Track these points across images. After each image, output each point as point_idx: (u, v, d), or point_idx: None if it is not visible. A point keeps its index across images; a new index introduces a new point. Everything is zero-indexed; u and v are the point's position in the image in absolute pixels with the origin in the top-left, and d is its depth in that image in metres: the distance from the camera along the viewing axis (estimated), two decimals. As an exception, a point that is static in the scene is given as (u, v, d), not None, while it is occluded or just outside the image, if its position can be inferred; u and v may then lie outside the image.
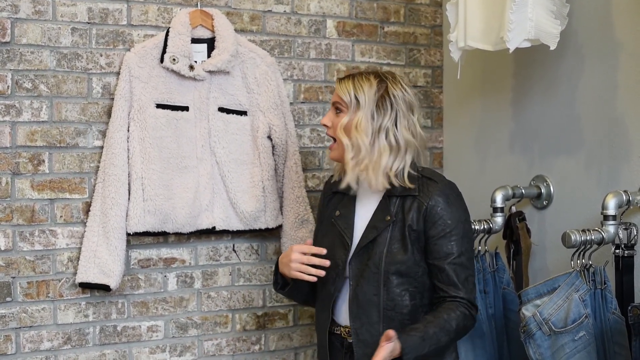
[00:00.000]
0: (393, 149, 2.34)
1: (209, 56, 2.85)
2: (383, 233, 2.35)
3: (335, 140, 2.41)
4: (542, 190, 2.84)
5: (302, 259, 2.36)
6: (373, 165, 2.34)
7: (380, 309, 2.33)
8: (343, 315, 2.41)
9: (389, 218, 2.35)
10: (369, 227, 2.38)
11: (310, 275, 2.36)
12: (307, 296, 2.55)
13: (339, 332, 2.43)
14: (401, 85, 2.38)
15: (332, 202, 2.53)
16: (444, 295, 2.31)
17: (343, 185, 2.41)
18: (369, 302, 2.34)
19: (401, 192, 2.35)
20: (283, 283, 2.48)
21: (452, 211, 2.32)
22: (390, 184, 2.34)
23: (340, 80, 2.42)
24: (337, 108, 2.41)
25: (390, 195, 2.37)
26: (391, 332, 2.18)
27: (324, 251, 2.36)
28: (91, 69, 2.75)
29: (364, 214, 2.42)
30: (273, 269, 2.53)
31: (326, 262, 2.35)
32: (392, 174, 2.34)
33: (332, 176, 2.59)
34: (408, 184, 2.34)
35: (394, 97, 2.35)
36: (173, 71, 2.78)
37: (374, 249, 2.34)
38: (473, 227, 2.77)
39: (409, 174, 2.35)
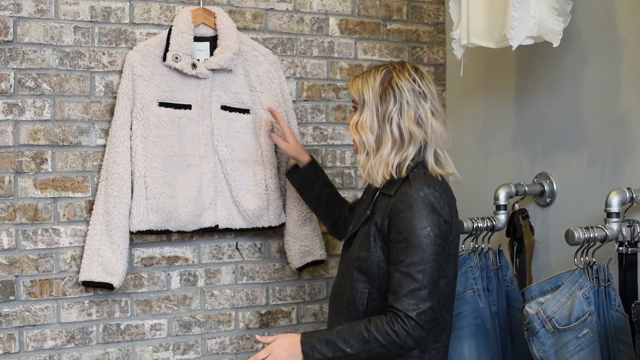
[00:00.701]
0: (396, 141, 2.29)
1: (211, 54, 2.85)
2: (362, 227, 2.36)
3: None
4: (546, 188, 2.84)
5: None
6: (376, 159, 2.31)
7: (344, 302, 2.35)
8: None
9: (367, 213, 2.35)
10: (357, 221, 2.42)
11: None
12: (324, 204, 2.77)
13: None
14: (409, 74, 2.32)
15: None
16: (388, 303, 2.21)
17: (362, 182, 2.44)
18: (340, 293, 2.38)
19: (383, 190, 2.33)
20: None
21: (412, 218, 2.19)
22: (391, 176, 2.30)
23: (353, 79, 2.42)
24: (355, 107, 2.40)
25: (381, 192, 2.36)
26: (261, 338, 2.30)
27: None
28: (94, 68, 2.75)
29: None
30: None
31: None
32: (392, 167, 2.30)
33: None
34: (403, 175, 2.29)
35: (398, 88, 2.29)
36: (176, 69, 2.78)
37: (353, 242, 2.38)
38: (476, 224, 2.76)
39: (406, 169, 2.29)
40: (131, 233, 2.75)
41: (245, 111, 2.91)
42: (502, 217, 2.81)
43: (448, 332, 2.36)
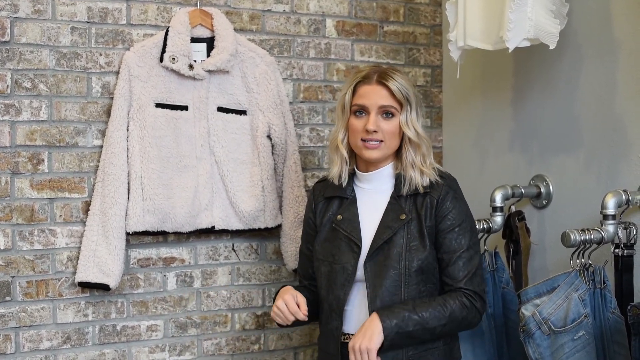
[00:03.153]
0: (430, 143, 2.44)
1: (208, 55, 2.85)
2: (399, 232, 2.33)
3: (380, 140, 2.37)
4: (542, 190, 2.84)
5: (284, 309, 2.36)
6: (426, 162, 2.40)
7: None
8: (353, 322, 2.37)
9: (404, 217, 2.34)
10: (381, 228, 2.35)
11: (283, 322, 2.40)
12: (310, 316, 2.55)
13: (347, 341, 2.35)
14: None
15: (328, 208, 2.49)
16: (449, 288, 2.33)
17: (407, 188, 2.37)
18: (390, 303, 2.31)
19: (412, 192, 2.37)
20: None
21: (459, 205, 2.37)
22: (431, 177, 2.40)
23: (382, 82, 2.35)
24: (386, 111, 2.36)
25: (398, 195, 2.37)
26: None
27: (304, 318, 2.37)
28: (90, 68, 2.74)
29: (369, 216, 2.40)
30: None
31: (303, 318, 2.37)
32: (433, 167, 2.42)
33: (319, 182, 2.57)
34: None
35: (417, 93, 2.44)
36: (172, 70, 2.78)
37: (391, 248, 2.33)
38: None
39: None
40: (127, 234, 2.75)
41: (242, 112, 2.90)
42: (499, 219, 2.82)
43: None
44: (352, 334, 2.36)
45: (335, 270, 2.39)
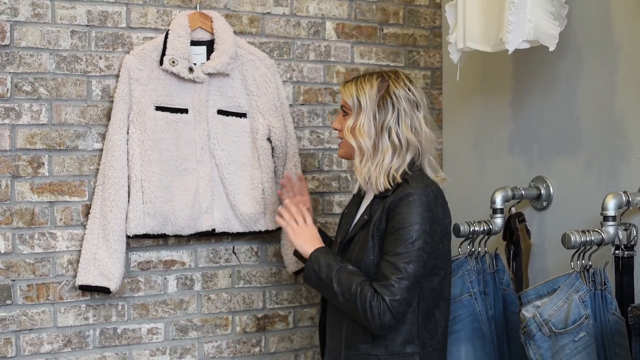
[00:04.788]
0: (396, 148, 2.34)
1: (208, 58, 2.85)
2: (359, 232, 2.37)
3: (342, 138, 2.45)
4: (542, 191, 2.84)
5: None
6: (376, 166, 2.34)
7: None
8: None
9: (365, 217, 2.37)
10: (354, 226, 2.42)
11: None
12: None
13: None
14: (404, 83, 2.38)
15: (349, 202, 2.60)
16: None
17: (355, 189, 2.48)
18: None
19: (380, 194, 2.36)
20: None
21: (407, 212, 2.24)
22: (390, 183, 2.33)
23: (344, 83, 2.43)
24: (344, 111, 2.43)
25: (376, 196, 2.39)
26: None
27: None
28: (90, 72, 2.75)
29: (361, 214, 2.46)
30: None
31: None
32: (391, 175, 2.34)
33: None
34: (398, 181, 2.33)
35: (395, 96, 2.34)
36: (172, 73, 2.78)
37: (350, 247, 2.38)
38: (472, 228, 2.76)
39: (401, 174, 2.34)
40: (128, 237, 2.75)
41: (242, 115, 2.91)
42: (499, 220, 2.81)
43: (443, 330, 2.39)
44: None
45: None
